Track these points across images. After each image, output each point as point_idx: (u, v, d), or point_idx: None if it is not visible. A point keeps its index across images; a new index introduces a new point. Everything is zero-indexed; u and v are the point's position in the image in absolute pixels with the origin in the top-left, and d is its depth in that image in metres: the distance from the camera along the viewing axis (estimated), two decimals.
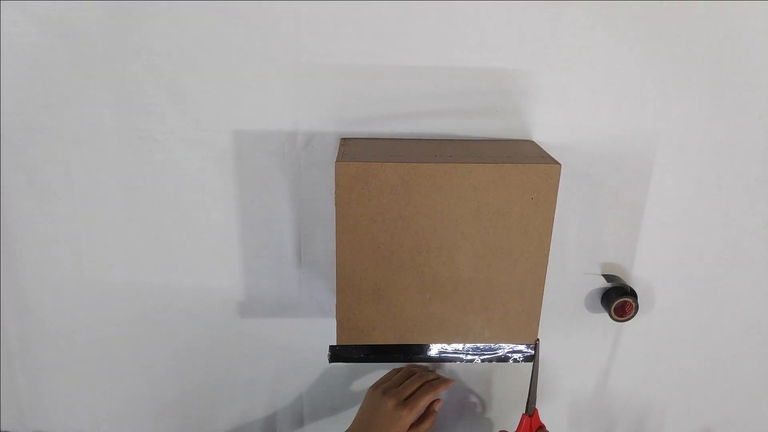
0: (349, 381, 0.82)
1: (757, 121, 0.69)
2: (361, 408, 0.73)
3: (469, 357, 0.68)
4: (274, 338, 0.78)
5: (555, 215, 0.60)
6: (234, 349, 0.79)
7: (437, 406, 0.74)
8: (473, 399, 0.84)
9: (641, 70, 0.65)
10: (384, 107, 0.66)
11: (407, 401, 0.70)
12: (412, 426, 0.70)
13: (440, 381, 0.75)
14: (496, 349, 0.67)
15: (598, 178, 0.70)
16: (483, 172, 0.58)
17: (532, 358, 0.68)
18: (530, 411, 0.74)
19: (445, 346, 0.66)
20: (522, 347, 0.67)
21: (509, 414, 0.84)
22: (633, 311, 0.74)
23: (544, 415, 0.78)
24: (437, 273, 0.62)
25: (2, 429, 0.83)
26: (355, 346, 0.67)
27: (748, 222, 0.74)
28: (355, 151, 0.61)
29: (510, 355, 0.68)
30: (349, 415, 0.74)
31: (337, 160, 0.57)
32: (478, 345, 0.66)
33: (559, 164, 0.58)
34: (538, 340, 0.65)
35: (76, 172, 0.68)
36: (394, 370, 0.78)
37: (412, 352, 0.67)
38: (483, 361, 0.68)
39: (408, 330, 0.65)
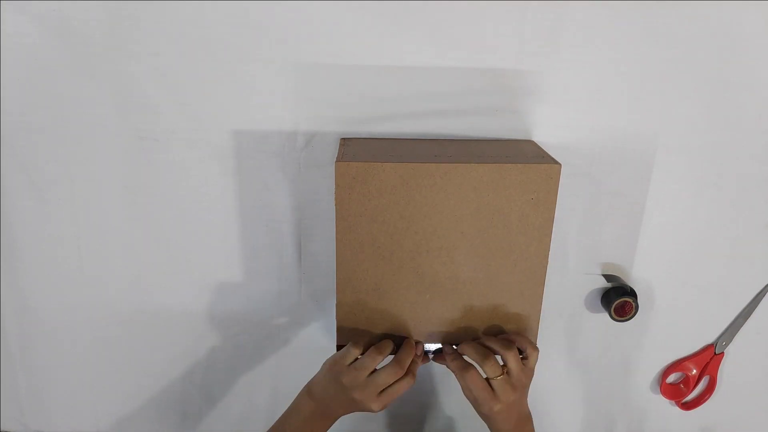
0: None
1: (757, 121, 0.69)
2: (322, 386, 0.64)
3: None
4: (274, 338, 0.78)
5: (555, 215, 0.60)
6: (234, 349, 0.79)
7: (416, 368, 0.64)
8: None
9: (641, 70, 0.65)
10: (384, 107, 0.66)
11: (381, 395, 0.61)
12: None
13: (415, 363, 0.64)
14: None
15: (598, 178, 0.70)
16: (483, 172, 0.58)
17: None
18: None
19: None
20: None
21: None
22: (633, 311, 0.74)
23: (545, 415, 0.78)
24: (437, 273, 0.62)
25: (2, 429, 0.83)
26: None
27: (748, 222, 0.74)
28: (355, 151, 0.61)
29: None
30: (349, 416, 0.74)
31: (337, 160, 0.57)
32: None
33: (559, 164, 0.58)
34: None
35: (76, 172, 0.68)
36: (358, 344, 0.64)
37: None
38: None
39: (408, 330, 0.65)
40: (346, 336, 0.65)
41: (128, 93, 0.65)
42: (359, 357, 0.62)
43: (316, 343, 0.77)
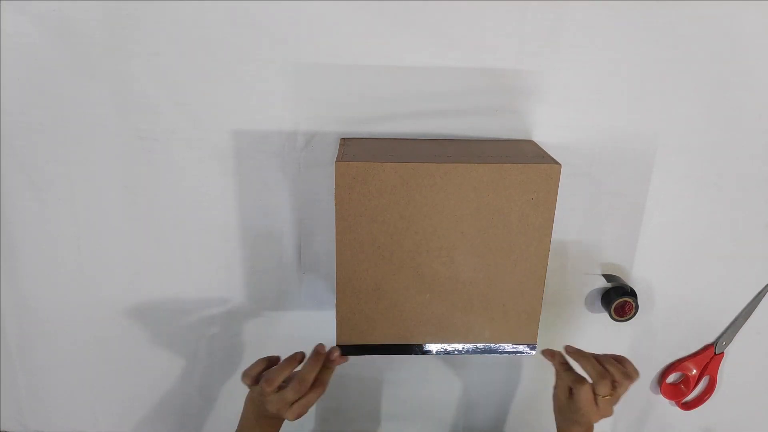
0: (349, 380, 0.82)
1: (757, 121, 0.69)
2: (253, 394, 0.67)
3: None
4: (274, 338, 0.78)
5: (555, 215, 0.60)
6: (234, 349, 0.79)
7: (328, 377, 0.64)
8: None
9: (641, 70, 0.66)
10: (384, 107, 0.66)
11: (294, 406, 0.62)
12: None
13: (327, 370, 0.65)
14: (496, 349, 0.67)
15: (598, 178, 0.70)
16: (483, 172, 0.58)
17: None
18: None
19: (446, 346, 0.66)
20: (522, 347, 0.67)
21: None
22: (633, 311, 0.74)
23: (546, 416, 0.78)
24: (437, 273, 0.62)
25: (2, 429, 0.83)
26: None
27: (748, 222, 0.74)
28: (355, 151, 0.61)
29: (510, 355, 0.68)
30: (350, 416, 0.74)
31: (337, 160, 0.57)
32: (478, 345, 0.66)
33: (559, 164, 0.58)
34: None
35: (76, 172, 0.68)
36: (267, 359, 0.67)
37: (412, 352, 0.67)
38: None
39: (408, 330, 0.65)
40: (346, 336, 0.65)
41: (128, 93, 0.65)
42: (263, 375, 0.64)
43: (316, 343, 0.77)
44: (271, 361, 0.66)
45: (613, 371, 0.63)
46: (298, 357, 0.65)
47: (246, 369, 0.66)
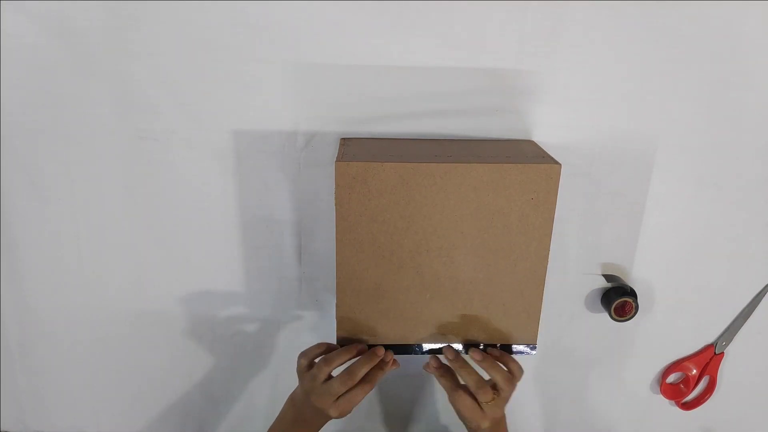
0: None
1: (757, 121, 0.69)
2: (298, 392, 0.67)
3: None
4: (274, 338, 0.78)
5: (555, 215, 0.60)
6: (234, 349, 0.79)
7: (379, 377, 0.63)
8: None
9: (641, 70, 0.65)
10: (384, 107, 0.66)
11: (338, 402, 0.61)
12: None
13: (379, 370, 0.63)
14: None
15: (598, 178, 0.70)
16: (483, 172, 0.58)
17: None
18: None
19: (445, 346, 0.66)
20: (522, 347, 0.67)
21: None
22: (633, 311, 0.74)
23: (545, 415, 0.78)
24: (437, 273, 0.62)
25: (2, 429, 0.83)
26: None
27: (747, 222, 0.74)
28: (355, 151, 0.61)
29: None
30: (349, 415, 0.73)
31: (337, 160, 0.57)
32: (478, 345, 0.66)
33: (559, 164, 0.58)
34: None
35: (77, 172, 0.68)
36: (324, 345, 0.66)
37: (412, 352, 0.67)
38: None
39: (408, 330, 0.65)
40: (346, 336, 0.65)
41: (128, 93, 0.65)
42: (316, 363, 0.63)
43: (316, 343, 0.77)
44: (330, 348, 0.66)
45: (496, 376, 0.62)
46: (359, 347, 0.64)
47: (304, 350, 0.65)
